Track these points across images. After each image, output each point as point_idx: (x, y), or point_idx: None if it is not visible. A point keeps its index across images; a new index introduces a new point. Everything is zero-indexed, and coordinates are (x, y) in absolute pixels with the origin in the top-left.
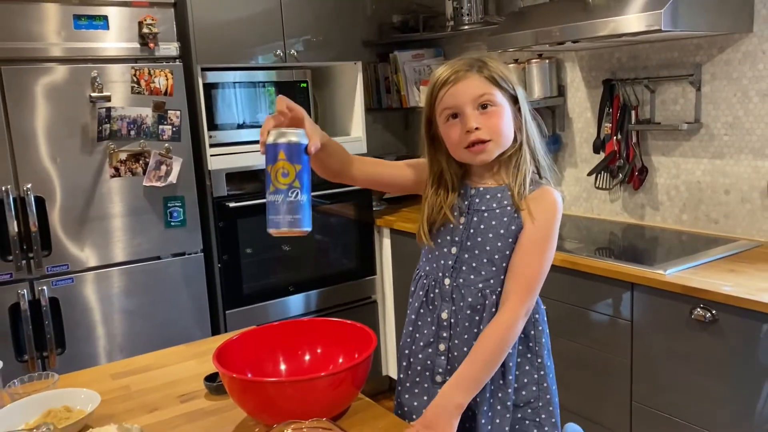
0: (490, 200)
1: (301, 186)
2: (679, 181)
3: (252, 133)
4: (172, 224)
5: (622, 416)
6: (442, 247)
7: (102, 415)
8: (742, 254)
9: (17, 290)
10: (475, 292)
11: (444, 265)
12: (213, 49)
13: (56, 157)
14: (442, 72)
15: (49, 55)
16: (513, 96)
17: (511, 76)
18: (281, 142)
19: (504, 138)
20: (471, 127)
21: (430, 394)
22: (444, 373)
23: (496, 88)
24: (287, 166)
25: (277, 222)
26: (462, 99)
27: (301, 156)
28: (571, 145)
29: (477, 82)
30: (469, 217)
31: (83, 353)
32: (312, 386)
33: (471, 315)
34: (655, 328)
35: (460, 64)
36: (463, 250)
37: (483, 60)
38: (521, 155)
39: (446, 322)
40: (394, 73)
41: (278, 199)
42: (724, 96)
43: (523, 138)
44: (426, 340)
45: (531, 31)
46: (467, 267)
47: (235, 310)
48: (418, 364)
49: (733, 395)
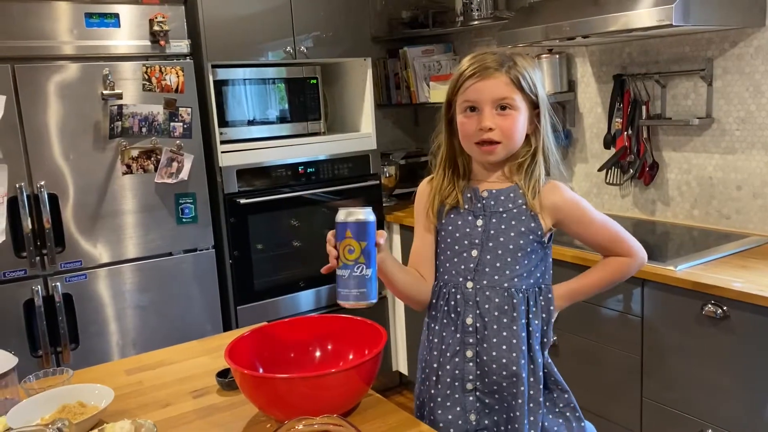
0: (505, 201)
1: (366, 262)
2: (690, 176)
3: (262, 129)
4: (183, 221)
5: (633, 412)
6: (460, 251)
7: (115, 410)
8: (753, 250)
9: (31, 286)
10: (501, 293)
11: (465, 269)
12: (223, 47)
13: (69, 155)
14: (471, 63)
15: (62, 53)
16: (534, 101)
17: (537, 78)
18: (350, 221)
19: (514, 142)
20: (485, 126)
21: (463, 404)
22: (474, 380)
23: (519, 92)
24: (353, 243)
25: (345, 295)
26: (483, 96)
27: (367, 233)
28: (582, 140)
29: (502, 83)
30: (487, 218)
31: (96, 348)
32: (322, 382)
33: (499, 317)
34: (665, 324)
35: (491, 59)
36: (485, 251)
37: (514, 59)
38: (535, 162)
39: (471, 327)
40: (404, 68)
41: (345, 273)
42: (736, 91)
43: (539, 144)
44: (452, 349)
45: (541, 26)
46: (490, 268)
47: (246, 305)
48: (448, 375)
49: (744, 391)
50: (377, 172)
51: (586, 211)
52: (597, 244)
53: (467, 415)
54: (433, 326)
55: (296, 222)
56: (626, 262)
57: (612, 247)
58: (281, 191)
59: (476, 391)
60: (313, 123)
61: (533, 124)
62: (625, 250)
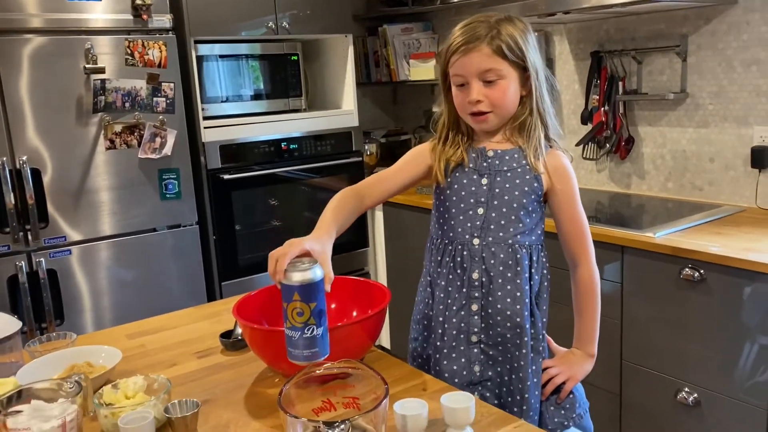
0: (509, 161)
1: (317, 322)
2: (665, 150)
3: (243, 106)
4: (167, 196)
5: (613, 375)
6: (466, 209)
7: (124, 370)
8: (726, 218)
9: (15, 262)
10: (505, 249)
11: (471, 226)
12: (206, 22)
13: (51, 129)
14: (457, 35)
15: (42, 26)
16: (523, 65)
17: (525, 44)
18: (295, 284)
19: (505, 110)
20: (473, 100)
21: (467, 356)
22: (479, 333)
23: (503, 60)
24: (302, 306)
25: (295, 355)
26: (468, 70)
27: (316, 294)
28: (559, 116)
29: (485, 55)
30: (492, 177)
31: (81, 324)
32: (331, 336)
33: (504, 271)
34: (644, 289)
35: (476, 28)
36: (491, 209)
37: (499, 27)
38: (532, 121)
39: (477, 282)
40: (384, 47)
41: (295, 335)
42: (709, 66)
43: (533, 105)
44: (458, 303)
45: (518, 3)
46: (495, 225)
47: (230, 281)
48: (454, 328)
49: (720, 352)
50: (359, 149)
51: (573, 190)
52: (565, 229)
53: (471, 366)
54: (439, 282)
55: (279, 199)
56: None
57: (574, 239)
58: (264, 167)
59: (480, 343)
60: (294, 99)
61: (527, 86)
62: (582, 249)
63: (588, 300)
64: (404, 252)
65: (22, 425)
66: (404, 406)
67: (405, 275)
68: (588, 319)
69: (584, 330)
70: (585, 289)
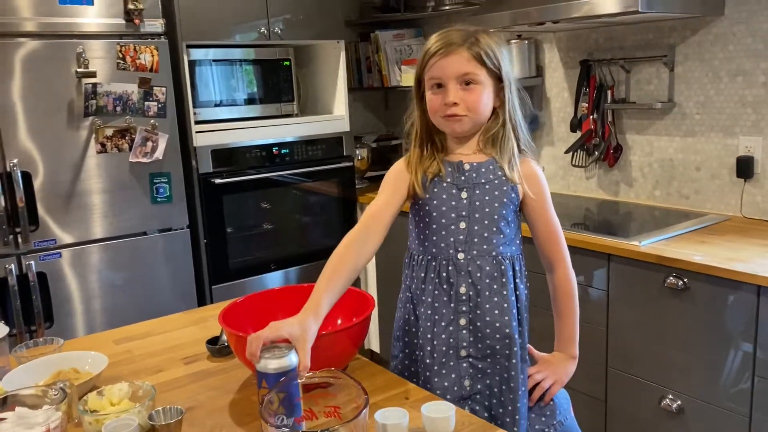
0: (486, 173)
1: (286, 412)
2: (652, 158)
3: (235, 110)
4: (158, 200)
5: (598, 382)
6: (448, 224)
7: (109, 376)
8: (711, 227)
9: (5, 265)
10: (490, 261)
11: (455, 241)
12: (198, 26)
13: (42, 133)
14: (435, 41)
15: (33, 30)
16: (498, 75)
17: (500, 55)
18: (265, 371)
19: (480, 115)
20: (449, 101)
21: (457, 371)
22: (468, 347)
23: (482, 67)
24: (272, 394)
25: None
26: (447, 73)
27: (286, 383)
28: (549, 124)
29: (464, 59)
30: (471, 190)
31: (71, 327)
32: (316, 344)
33: (490, 284)
34: (629, 297)
35: (454, 36)
36: (472, 222)
37: (477, 36)
38: (504, 133)
39: (465, 296)
40: (376, 52)
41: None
42: (696, 76)
43: (506, 116)
44: (447, 319)
45: (510, 12)
46: (479, 238)
47: (221, 285)
48: (443, 344)
49: (703, 359)
50: (350, 154)
51: (546, 195)
52: (541, 234)
53: (462, 381)
54: (423, 299)
55: (271, 203)
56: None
57: (549, 243)
58: (255, 172)
59: (469, 357)
60: (286, 104)
61: (500, 98)
62: (557, 253)
63: (567, 302)
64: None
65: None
66: (385, 415)
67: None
68: (568, 321)
69: (564, 332)
70: (563, 291)
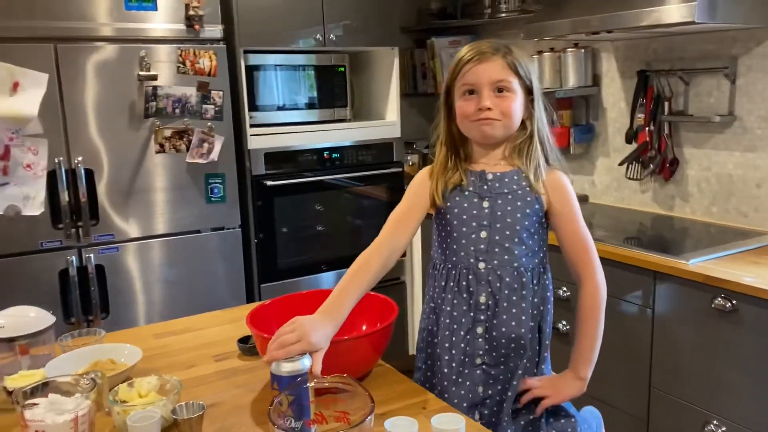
0: (509, 183)
1: (294, 415)
2: (710, 173)
3: (290, 114)
4: (212, 200)
5: (641, 402)
6: (469, 233)
7: (143, 368)
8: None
9: (66, 257)
10: (511, 272)
11: (476, 250)
12: (255, 33)
13: (105, 132)
14: (468, 50)
15: (102, 35)
16: (528, 86)
17: (532, 67)
18: (278, 373)
19: (512, 121)
20: (484, 106)
21: (472, 379)
22: (483, 355)
23: (515, 76)
24: (282, 396)
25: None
26: (482, 79)
27: (297, 387)
28: (604, 134)
29: (498, 66)
30: (493, 200)
31: (125, 318)
32: (336, 348)
33: (509, 295)
34: (675, 316)
35: (487, 45)
36: (494, 232)
37: (509, 47)
38: (532, 144)
39: (484, 305)
40: (431, 59)
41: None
42: (759, 89)
43: (534, 128)
44: (465, 327)
45: (569, 20)
46: (500, 248)
47: (269, 284)
48: (461, 353)
49: (750, 385)
50: (400, 160)
51: (574, 206)
52: (566, 245)
53: (476, 388)
54: (444, 307)
55: (320, 206)
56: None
57: (576, 255)
58: (306, 175)
59: (483, 364)
60: (339, 110)
61: (528, 109)
62: (586, 265)
63: (588, 320)
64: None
65: (38, 417)
66: (395, 424)
67: None
68: (584, 339)
69: (578, 350)
70: (587, 308)
